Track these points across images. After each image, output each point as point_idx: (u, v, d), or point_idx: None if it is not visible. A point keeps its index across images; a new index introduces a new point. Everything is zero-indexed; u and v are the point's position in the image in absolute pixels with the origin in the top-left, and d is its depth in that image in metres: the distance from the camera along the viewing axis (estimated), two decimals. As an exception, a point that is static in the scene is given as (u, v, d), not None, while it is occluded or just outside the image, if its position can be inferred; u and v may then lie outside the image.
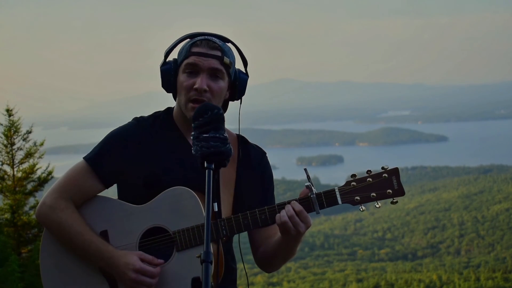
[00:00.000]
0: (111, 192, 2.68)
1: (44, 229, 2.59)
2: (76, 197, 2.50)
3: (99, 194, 2.56)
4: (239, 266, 2.67)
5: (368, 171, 2.39)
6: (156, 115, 2.59)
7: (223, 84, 2.46)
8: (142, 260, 2.41)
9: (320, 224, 72.80)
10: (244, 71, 2.58)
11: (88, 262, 2.49)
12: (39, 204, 2.55)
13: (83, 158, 2.52)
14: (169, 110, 2.60)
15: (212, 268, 1.87)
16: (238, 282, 2.66)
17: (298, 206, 2.35)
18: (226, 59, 2.44)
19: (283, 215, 2.35)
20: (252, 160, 2.62)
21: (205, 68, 2.41)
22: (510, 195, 74.37)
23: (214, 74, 2.43)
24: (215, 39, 2.47)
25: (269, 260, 2.58)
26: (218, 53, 2.43)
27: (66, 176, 2.53)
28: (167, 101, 2.64)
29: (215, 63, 2.42)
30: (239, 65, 2.58)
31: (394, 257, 60.89)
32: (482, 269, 48.63)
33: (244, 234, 2.61)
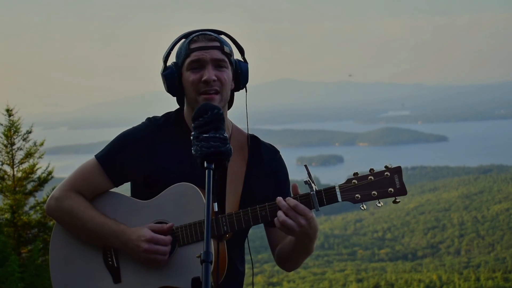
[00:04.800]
0: (122, 189, 2.71)
1: (55, 223, 2.64)
2: (84, 192, 2.54)
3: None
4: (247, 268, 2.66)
5: (371, 170, 2.34)
6: (168, 115, 2.60)
7: (229, 72, 2.47)
8: (153, 230, 2.43)
9: (320, 224, 71.65)
10: (243, 60, 2.58)
11: (103, 243, 2.53)
12: (48, 199, 2.58)
13: (94, 156, 2.56)
14: (180, 109, 2.61)
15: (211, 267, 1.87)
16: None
17: (292, 201, 2.30)
18: (226, 48, 2.46)
19: (279, 215, 2.30)
20: (264, 158, 2.61)
21: (208, 60, 2.43)
22: (510, 195, 74.36)
23: (218, 65, 2.44)
24: (209, 32, 2.49)
25: (287, 259, 2.56)
26: (217, 44, 2.45)
27: (76, 172, 2.57)
28: (168, 101, 2.64)
29: (217, 54, 2.44)
30: (236, 55, 2.58)
31: (394, 257, 60.87)
32: (482, 269, 48.64)
33: (255, 235, 2.59)
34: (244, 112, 2.62)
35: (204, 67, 2.43)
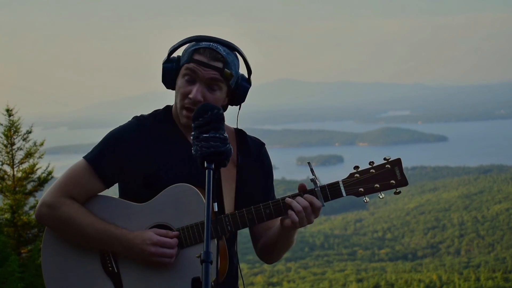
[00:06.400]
0: (111, 191, 2.68)
1: (45, 231, 2.57)
2: (76, 196, 2.49)
3: (100, 193, 2.55)
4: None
5: (371, 163, 2.41)
6: (156, 113, 2.58)
7: (219, 94, 2.44)
8: (158, 234, 2.42)
9: (320, 224, 72.76)
10: (247, 78, 2.55)
11: (104, 249, 2.49)
12: (38, 205, 2.51)
13: (83, 157, 2.50)
14: (168, 108, 2.60)
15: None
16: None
17: (311, 197, 2.37)
18: (227, 72, 2.41)
19: (295, 206, 2.35)
20: (252, 152, 2.62)
21: (203, 78, 2.40)
22: (510, 195, 74.33)
23: (211, 86, 2.42)
24: (220, 47, 2.42)
25: (270, 251, 2.60)
26: (220, 65, 2.40)
27: (66, 175, 2.50)
28: (167, 101, 2.64)
29: (214, 75, 2.40)
30: (243, 70, 2.54)
31: (394, 257, 60.86)
32: (482, 269, 48.61)
33: (244, 234, 2.61)
34: (230, 112, 2.61)
35: (195, 81, 2.41)
